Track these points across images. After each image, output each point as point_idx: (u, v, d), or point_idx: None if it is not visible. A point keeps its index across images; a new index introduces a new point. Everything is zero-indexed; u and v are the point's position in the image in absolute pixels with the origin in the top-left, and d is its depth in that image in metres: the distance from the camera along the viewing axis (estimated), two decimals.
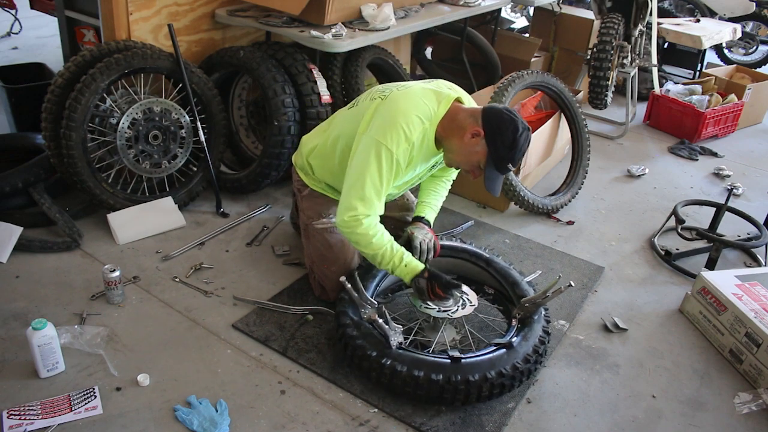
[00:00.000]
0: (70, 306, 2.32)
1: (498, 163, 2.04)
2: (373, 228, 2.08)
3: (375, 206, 2.07)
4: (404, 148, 2.03)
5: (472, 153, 2.06)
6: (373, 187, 2.04)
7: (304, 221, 2.43)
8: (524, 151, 2.06)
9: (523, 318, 2.16)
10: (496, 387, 1.95)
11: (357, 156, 2.08)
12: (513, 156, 2.04)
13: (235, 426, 1.88)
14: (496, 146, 2.01)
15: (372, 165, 2.03)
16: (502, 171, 2.07)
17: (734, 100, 4.45)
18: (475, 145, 2.04)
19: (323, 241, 2.35)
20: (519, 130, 2.02)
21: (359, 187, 2.05)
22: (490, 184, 2.10)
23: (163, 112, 2.82)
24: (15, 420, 1.82)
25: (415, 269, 2.13)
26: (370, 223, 2.06)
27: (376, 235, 2.08)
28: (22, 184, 2.71)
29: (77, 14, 3.04)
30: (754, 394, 2.16)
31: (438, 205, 2.45)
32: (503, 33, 4.83)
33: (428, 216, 2.39)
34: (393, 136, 2.02)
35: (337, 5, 2.93)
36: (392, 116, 2.05)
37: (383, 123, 2.05)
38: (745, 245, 3.01)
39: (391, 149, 2.01)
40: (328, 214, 2.36)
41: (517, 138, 2.01)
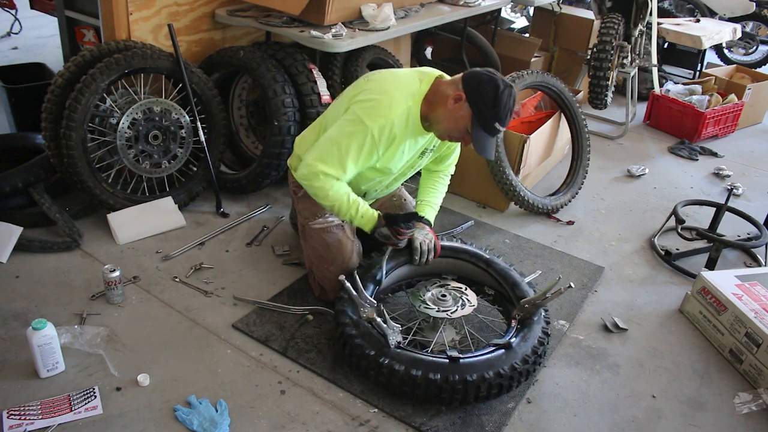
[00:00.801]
0: (70, 306, 2.32)
1: (483, 123, 2.03)
2: (330, 182, 2.10)
3: (336, 167, 2.08)
4: (381, 123, 2.04)
5: (458, 118, 2.05)
6: (339, 151, 2.07)
7: (301, 222, 2.43)
8: (509, 108, 2.03)
9: (523, 319, 2.16)
10: (494, 387, 1.94)
11: (335, 125, 2.13)
12: (497, 114, 2.01)
13: (235, 426, 1.88)
14: (479, 106, 2.01)
15: (345, 133, 2.07)
16: (489, 131, 2.06)
17: (734, 100, 4.45)
18: (459, 110, 2.04)
19: (321, 242, 2.35)
20: (500, 87, 2.00)
21: (325, 147, 2.10)
22: (480, 147, 2.09)
23: (163, 112, 2.82)
24: (15, 420, 1.82)
25: (372, 218, 2.19)
26: (328, 180, 2.09)
27: (332, 188, 2.11)
28: (22, 184, 2.71)
29: (77, 14, 3.04)
30: (754, 394, 2.16)
31: (437, 203, 2.46)
32: (503, 33, 4.83)
33: (428, 215, 2.39)
34: (371, 112, 2.05)
35: (337, 5, 2.93)
36: (373, 94, 2.10)
37: (364, 100, 2.10)
38: (745, 245, 3.01)
39: (367, 123, 2.04)
40: (324, 213, 2.36)
41: (499, 95, 1.99)
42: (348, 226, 2.40)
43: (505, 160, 3.08)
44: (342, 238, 2.36)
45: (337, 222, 2.36)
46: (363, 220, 2.19)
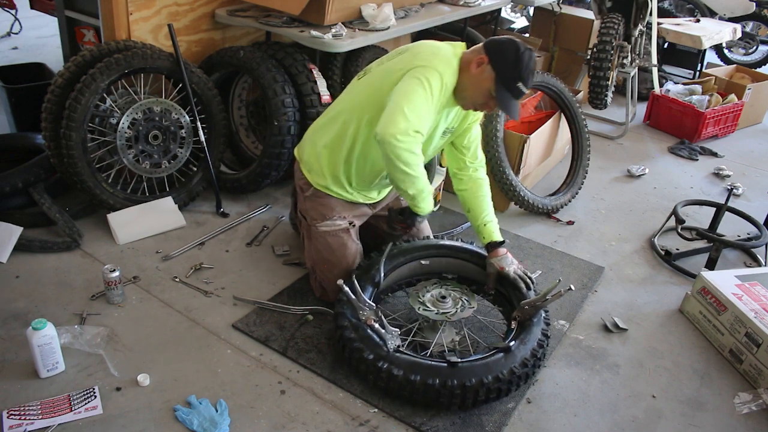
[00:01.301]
0: (70, 306, 2.32)
1: (507, 83, 2.04)
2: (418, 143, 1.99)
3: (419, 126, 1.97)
4: (439, 84, 2.02)
5: (481, 81, 2.06)
6: (417, 108, 1.97)
7: (307, 223, 2.40)
8: (531, 70, 2.05)
9: (523, 320, 2.16)
10: (492, 392, 1.94)
11: (398, 86, 2.02)
12: (520, 73, 2.03)
13: (235, 426, 1.88)
14: (501, 67, 2.03)
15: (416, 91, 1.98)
16: (513, 92, 2.06)
17: (734, 100, 4.45)
18: (482, 73, 2.05)
19: (326, 245, 2.35)
20: (520, 48, 2.03)
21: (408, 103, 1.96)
22: (505, 106, 2.09)
23: (163, 112, 2.82)
24: (15, 420, 1.82)
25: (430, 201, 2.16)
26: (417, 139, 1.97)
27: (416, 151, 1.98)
28: (22, 184, 2.71)
29: (77, 14, 3.04)
30: (754, 394, 2.16)
31: (494, 216, 2.41)
32: (503, 33, 4.83)
33: (497, 236, 2.34)
34: (430, 75, 2.01)
35: (337, 5, 2.93)
36: (426, 58, 2.06)
37: (421, 65, 2.03)
38: (745, 245, 3.01)
39: (439, 69, 2.02)
40: (332, 216, 2.34)
41: (520, 55, 2.02)
42: (353, 230, 2.39)
43: (505, 160, 3.08)
44: (347, 241, 2.35)
45: (343, 225, 2.36)
46: (420, 199, 2.11)
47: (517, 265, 2.32)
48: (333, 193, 2.37)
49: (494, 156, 3.05)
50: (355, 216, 2.42)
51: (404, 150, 1.95)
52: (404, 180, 2.03)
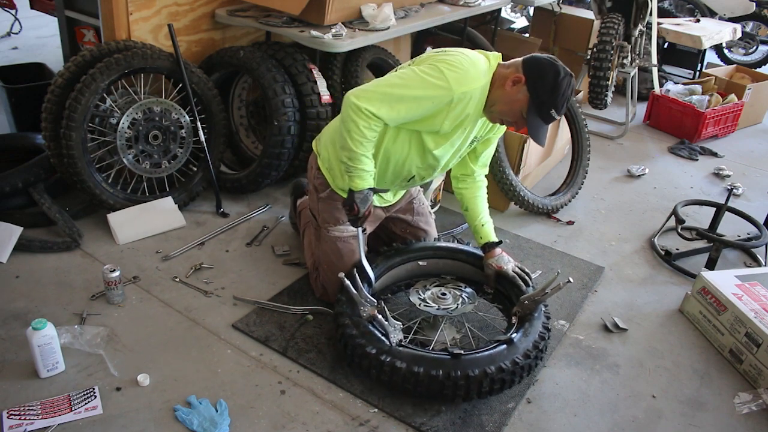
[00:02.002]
0: (70, 306, 2.32)
1: (540, 108, 1.98)
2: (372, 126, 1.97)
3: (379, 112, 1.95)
4: (466, 91, 1.96)
5: (514, 101, 1.99)
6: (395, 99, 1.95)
7: (318, 224, 2.38)
8: (567, 97, 1.99)
9: (523, 316, 2.16)
10: (496, 382, 1.94)
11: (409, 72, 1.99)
12: (555, 100, 1.97)
13: (235, 426, 1.88)
14: (537, 91, 1.96)
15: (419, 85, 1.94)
16: (545, 118, 2.00)
17: (734, 100, 4.45)
18: (517, 93, 1.98)
19: (334, 249, 2.33)
20: (561, 74, 1.96)
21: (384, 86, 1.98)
22: (535, 133, 2.04)
23: (163, 112, 2.82)
24: (15, 420, 1.82)
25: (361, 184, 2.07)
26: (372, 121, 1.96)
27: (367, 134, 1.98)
28: (22, 184, 2.71)
29: (77, 14, 3.04)
30: (754, 394, 2.16)
31: (489, 217, 2.43)
32: (503, 33, 4.83)
33: (493, 237, 2.37)
34: (459, 75, 1.94)
35: (337, 5, 2.93)
36: (464, 63, 1.97)
37: (452, 62, 1.96)
38: (745, 245, 3.01)
39: (453, 86, 1.93)
40: (345, 221, 2.31)
41: (559, 82, 1.95)
42: (362, 235, 2.38)
43: (505, 160, 3.08)
44: (355, 248, 2.35)
45: (354, 232, 2.35)
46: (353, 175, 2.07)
47: (515, 263, 2.33)
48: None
49: (494, 156, 3.05)
50: (368, 221, 2.41)
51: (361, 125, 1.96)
52: (344, 143, 2.03)
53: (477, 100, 2.03)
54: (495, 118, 2.11)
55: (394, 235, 2.56)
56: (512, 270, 2.30)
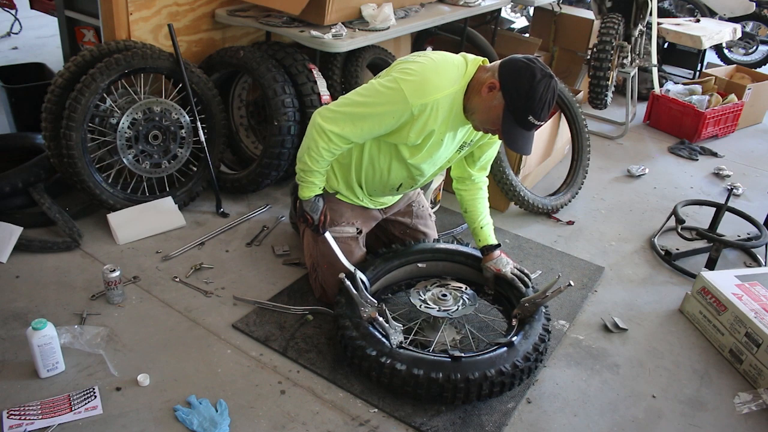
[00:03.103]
0: (70, 306, 2.32)
1: (516, 114, 1.88)
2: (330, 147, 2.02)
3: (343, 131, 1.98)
4: (425, 102, 1.91)
5: (491, 108, 1.91)
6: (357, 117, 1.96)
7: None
8: (546, 101, 1.87)
9: (523, 318, 2.16)
10: (496, 385, 1.95)
11: (371, 86, 1.99)
12: (531, 106, 1.86)
13: (235, 426, 1.88)
14: (512, 96, 1.87)
15: (379, 102, 1.93)
16: (523, 124, 1.90)
17: (734, 100, 4.45)
18: (493, 99, 1.90)
19: (332, 250, 2.33)
20: (536, 77, 1.84)
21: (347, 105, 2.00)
22: (512, 141, 1.95)
23: (163, 112, 2.82)
24: (15, 420, 1.82)
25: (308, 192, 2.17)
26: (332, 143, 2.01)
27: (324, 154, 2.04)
28: (22, 184, 2.71)
29: (77, 14, 3.04)
30: (754, 394, 2.16)
31: (489, 218, 2.41)
32: (503, 33, 4.83)
33: (492, 239, 2.35)
34: (419, 89, 1.90)
35: (337, 5, 2.93)
36: (426, 71, 1.93)
37: (411, 71, 1.93)
38: (745, 245, 3.01)
39: (409, 98, 1.90)
40: (341, 222, 2.33)
41: (534, 85, 1.84)
42: (361, 237, 2.39)
43: (505, 160, 3.08)
44: (354, 249, 2.35)
45: (352, 233, 2.35)
46: (303, 184, 2.16)
47: (513, 265, 2.33)
48: (344, 198, 2.36)
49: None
50: (365, 222, 2.41)
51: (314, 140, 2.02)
52: (301, 156, 2.10)
53: (446, 110, 1.97)
54: (478, 126, 2.04)
55: (394, 237, 2.57)
56: (511, 272, 2.30)
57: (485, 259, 2.35)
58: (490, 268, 2.32)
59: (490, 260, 2.33)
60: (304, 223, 2.24)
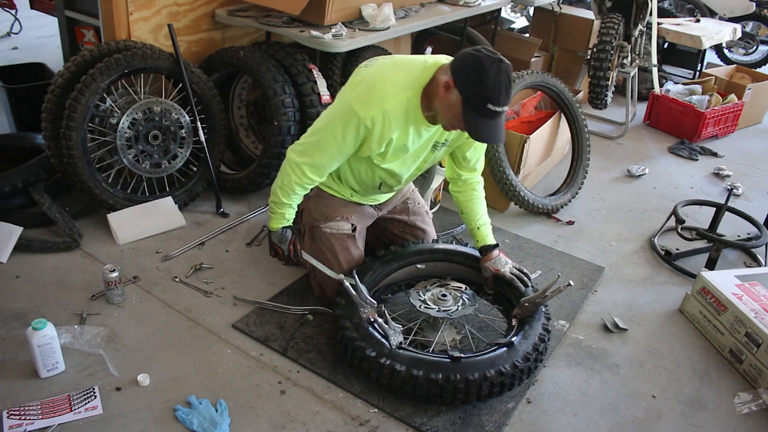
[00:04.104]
0: (70, 306, 2.32)
1: (474, 106, 1.85)
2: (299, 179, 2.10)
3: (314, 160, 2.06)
4: (374, 114, 1.93)
5: (450, 106, 1.90)
6: (322, 143, 2.04)
7: (310, 222, 2.40)
8: (501, 85, 1.83)
9: (523, 318, 2.16)
10: (495, 386, 1.95)
11: (328, 109, 2.07)
12: (486, 94, 1.83)
13: (235, 426, 1.88)
14: (466, 89, 1.85)
15: (334, 123, 2.00)
16: (484, 114, 1.86)
17: (734, 100, 4.45)
18: (450, 96, 1.89)
19: (329, 246, 2.34)
20: (485, 63, 1.81)
21: (311, 135, 2.07)
22: (476, 132, 1.92)
23: (163, 112, 2.82)
24: (15, 420, 1.82)
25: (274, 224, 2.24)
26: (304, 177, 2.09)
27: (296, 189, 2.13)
28: (22, 184, 2.71)
29: (77, 14, 3.04)
30: (754, 394, 2.16)
31: (487, 218, 2.39)
32: (503, 33, 4.83)
33: (490, 239, 2.35)
34: (365, 101, 1.94)
35: (337, 5, 2.93)
36: (371, 82, 1.98)
37: (362, 88, 1.97)
38: (745, 245, 3.01)
39: (360, 113, 1.93)
40: (334, 216, 2.34)
41: (484, 71, 1.81)
42: (357, 235, 2.39)
43: (505, 160, 3.08)
44: (350, 246, 2.35)
45: (347, 230, 2.35)
46: (273, 216, 2.24)
47: (512, 264, 2.33)
48: (336, 193, 2.37)
49: (494, 156, 3.05)
50: (359, 218, 2.41)
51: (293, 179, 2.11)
52: (274, 188, 2.19)
53: (400, 116, 1.97)
54: (447, 126, 2.03)
55: (393, 236, 2.57)
56: (510, 272, 2.30)
57: (484, 259, 2.35)
58: (489, 268, 2.32)
59: (489, 260, 2.33)
60: (275, 256, 2.32)
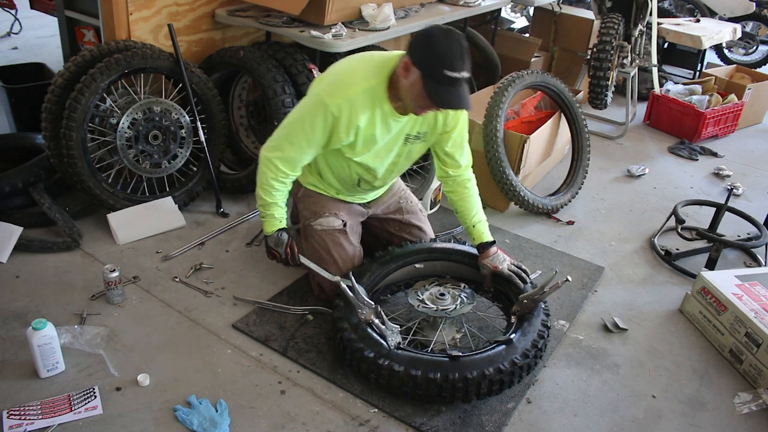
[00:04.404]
0: (70, 306, 2.32)
1: (433, 75, 1.87)
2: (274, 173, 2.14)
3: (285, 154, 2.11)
4: (340, 102, 1.99)
5: (412, 85, 1.92)
6: (292, 136, 2.10)
7: (303, 222, 2.44)
8: (453, 50, 1.87)
9: (522, 314, 2.16)
10: (495, 383, 1.94)
11: (298, 104, 2.14)
12: (441, 61, 1.86)
13: (235, 426, 1.88)
14: (422, 63, 1.89)
15: (303, 115, 2.07)
16: (444, 82, 1.88)
17: (734, 100, 4.44)
18: (410, 75, 1.92)
19: (322, 243, 2.35)
20: (434, 34, 1.88)
21: (281, 129, 2.14)
22: (441, 101, 1.93)
23: (163, 112, 2.82)
24: (15, 420, 1.82)
25: (269, 227, 2.25)
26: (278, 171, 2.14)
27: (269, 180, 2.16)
28: (22, 184, 2.71)
29: (77, 14, 3.04)
30: (754, 394, 2.16)
31: (482, 215, 2.37)
32: (503, 33, 4.83)
33: (487, 236, 2.33)
34: (331, 91, 2.01)
35: (337, 5, 2.93)
36: (337, 73, 2.07)
37: (329, 80, 2.06)
38: (745, 245, 3.00)
39: (326, 102, 2.00)
40: (323, 213, 2.36)
41: (435, 41, 1.87)
42: (350, 231, 2.40)
43: (505, 160, 3.08)
44: (343, 242, 2.36)
45: (338, 225, 2.36)
46: (264, 220, 2.26)
47: (510, 261, 2.33)
48: (323, 191, 2.40)
49: (494, 156, 3.05)
50: (349, 215, 2.42)
51: (269, 176, 2.16)
52: (257, 192, 2.22)
53: (366, 105, 2.02)
54: (415, 110, 2.04)
55: (391, 236, 2.56)
56: (508, 268, 2.30)
57: (481, 257, 2.34)
58: (487, 266, 2.31)
59: (487, 257, 2.32)
60: (272, 259, 2.33)
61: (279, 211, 2.24)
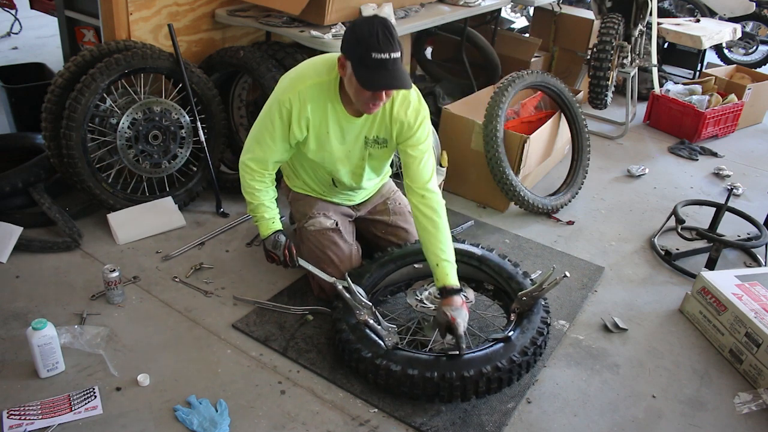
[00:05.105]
0: (70, 306, 2.32)
1: (363, 61, 1.86)
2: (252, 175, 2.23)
3: (255, 154, 2.20)
4: (291, 95, 2.05)
5: (350, 78, 1.93)
6: (258, 135, 2.18)
7: (297, 225, 2.48)
8: (375, 33, 1.85)
9: (522, 312, 2.16)
10: (493, 382, 1.94)
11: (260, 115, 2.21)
12: (366, 45, 1.84)
13: (235, 426, 1.88)
14: (351, 53, 1.90)
15: (265, 114, 2.14)
16: (374, 65, 1.86)
17: (734, 100, 4.44)
18: (346, 70, 1.94)
19: (317, 243, 2.36)
20: (356, 23, 1.91)
21: (251, 133, 2.22)
22: (375, 83, 1.89)
23: (163, 112, 2.82)
24: (15, 420, 1.82)
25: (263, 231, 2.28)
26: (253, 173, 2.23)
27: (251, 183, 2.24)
28: (22, 184, 2.71)
29: (77, 14, 3.04)
30: (754, 394, 2.16)
31: (452, 256, 2.10)
32: (503, 33, 4.83)
33: (452, 281, 2.05)
34: (286, 86, 2.09)
35: (337, 5, 2.93)
36: (293, 72, 2.14)
37: (286, 80, 2.13)
38: (745, 245, 3.00)
39: (280, 97, 2.07)
40: (314, 213, 2.38)
41: (357, 29, 1.88)
42: (344, 229, 2.40)
43: (505, 160, 3.08)
44: (338, 240, 2.36)
45: (330, 225, 2.37)
46: (257, 224, 2.29)
47: (465, 326, 2.01)
48: (310, 192, 2.44)
49: (494, 156, 3.05)
50: (338, 215, 2.44)
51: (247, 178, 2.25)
52: (245, 198, 2.30)
53: (316, 97, 2.07)
54: (365, 107, 2.01)
55: (377, 239, 2.56)
56: (460, 332, 1.97)
57: (444, 302, 2.04)
58: (447, 314, 1.99)
59: (449, 305, 2.01)
60: (272, 262, 2.34)
61: (268, 211, 2.26)
